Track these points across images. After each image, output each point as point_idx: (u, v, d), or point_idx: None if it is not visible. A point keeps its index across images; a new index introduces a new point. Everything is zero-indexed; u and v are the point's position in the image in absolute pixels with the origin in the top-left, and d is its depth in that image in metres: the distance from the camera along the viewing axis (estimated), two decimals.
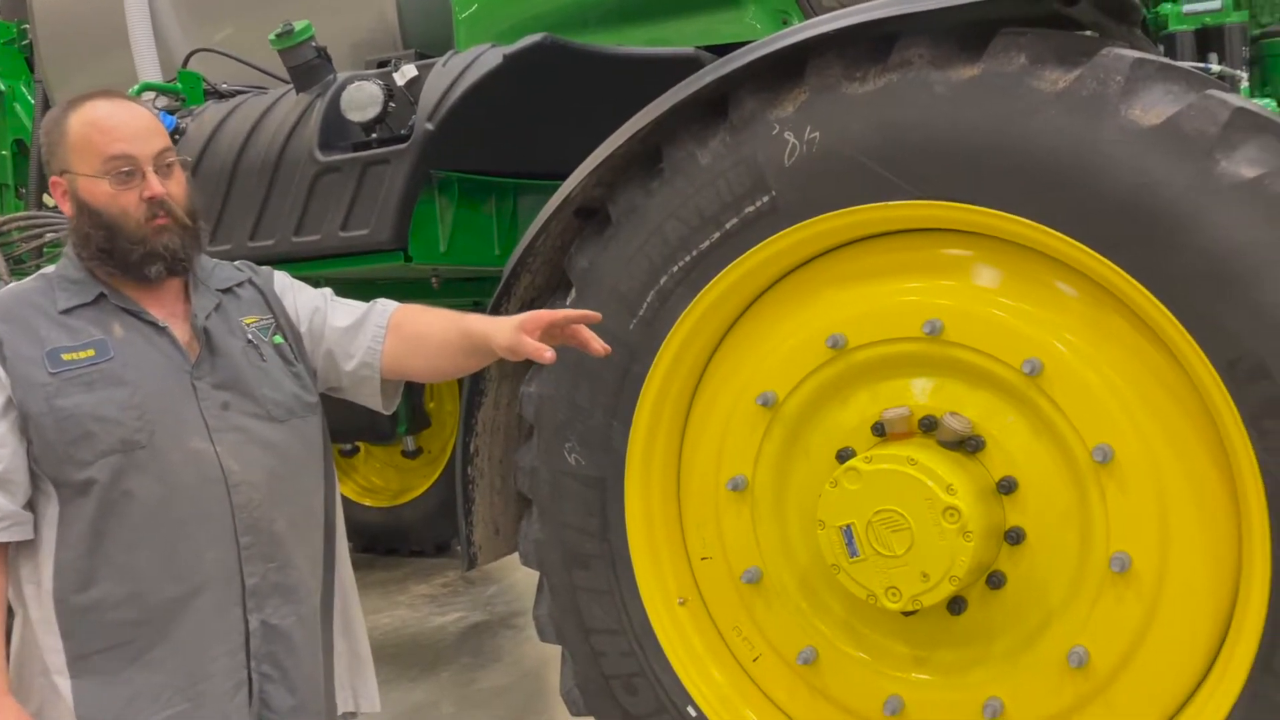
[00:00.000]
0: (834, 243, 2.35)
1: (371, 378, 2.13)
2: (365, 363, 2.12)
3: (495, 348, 2.03)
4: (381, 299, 2.18)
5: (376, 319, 2.14)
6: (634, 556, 2.52)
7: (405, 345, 2.13)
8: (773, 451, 2.42)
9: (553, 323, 2.02)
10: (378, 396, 2.16)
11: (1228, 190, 1.83)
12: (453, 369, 2.19)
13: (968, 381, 2.23)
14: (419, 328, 2.13)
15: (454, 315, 2.14)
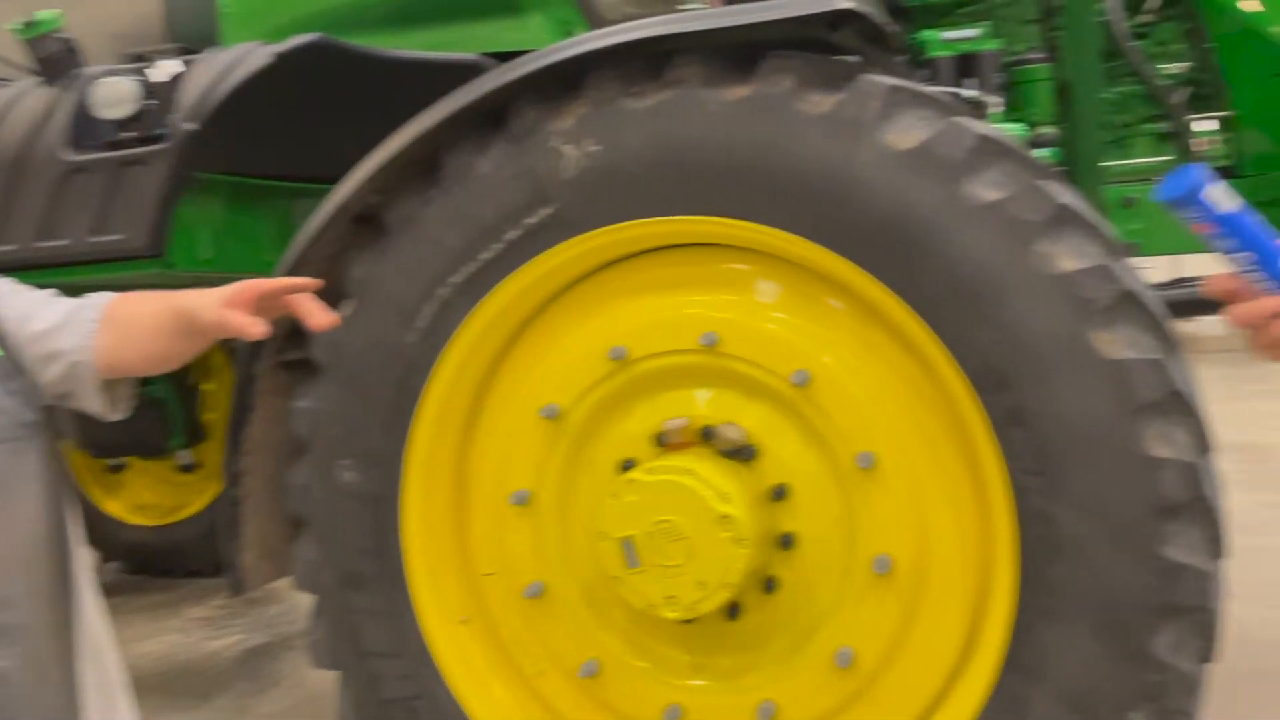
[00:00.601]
0: (616, 255, 2.36)
1: (84, 377, 1.87)
2: (77, 361, 1.86)
3: (203, 325, 1.80)
4: (96, 293, 1.98)
5: (88, 312, 1.88)
6: (412, 576, 2.45)
7: (117, 335, 1.87)
8: (557, 464, 2.41)
9: (264, 294, 1.80)
10: (96, 399, 1.90)
11: (972, 212, 1.94)
12: (169, 354, 1.92)
13: (743, 392, 2.28)
14: (130, 314, 1.88)
15: (167, 296, 1.90)
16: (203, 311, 1.80)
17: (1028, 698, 2.00)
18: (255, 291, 1.80)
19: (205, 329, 1.82)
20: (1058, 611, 1.96)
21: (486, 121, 2.35)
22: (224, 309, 1.77)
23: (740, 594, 2.21)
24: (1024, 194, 1.95)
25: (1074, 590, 1.95)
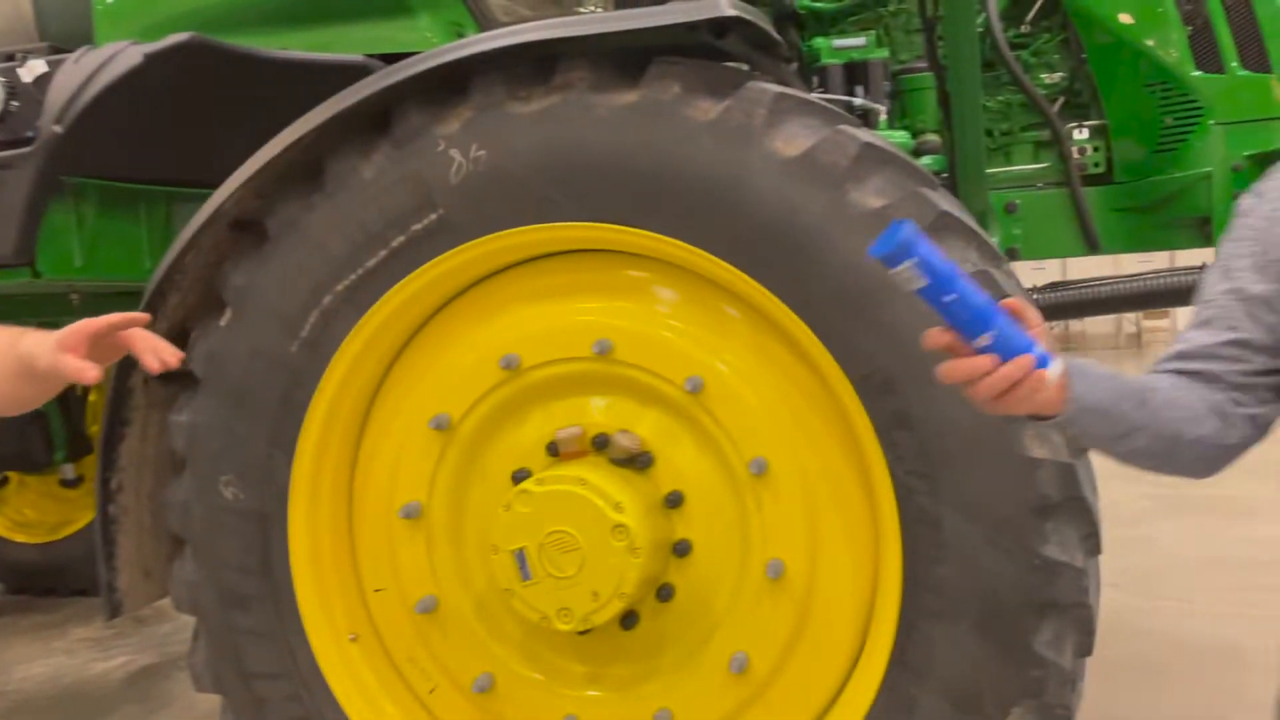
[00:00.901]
0: (506, 262, 2.32)
1: None
2: None
3: (40, 370, 1.64)
4: None
5: None
6: (299, 594, 2.38)
7: None
8: (448, 476, 2.36)
9: (96, 333, 1.64)
10: None
11: (856, 219, 1.97)
12: (20, 398, 1.74)
13: (638, 399, 2.27)
14: None
15: (13, 337, 1.72)
16: (39, 356, 1.61)
17: (915, 697, 2.02)
18: (86, 332, 1.63)
19: (44, 374, 1.66)
20: (942, 611, 2.00)
21: (371, 125, 2.30)
22: (57, 353, 1.59)
23: (635, 603, 2.19)
24: (906, 201, 1.98)
25: (957, 590, 1.98)
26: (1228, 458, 1.46)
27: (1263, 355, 1.43)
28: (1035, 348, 1.24)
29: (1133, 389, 1.38)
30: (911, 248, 1.21)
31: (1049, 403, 1.28)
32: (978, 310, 1.22)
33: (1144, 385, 1.41)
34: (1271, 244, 1.43)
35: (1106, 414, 1.34)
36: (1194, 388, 1.43)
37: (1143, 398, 1.38)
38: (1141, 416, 1.37)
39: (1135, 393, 1.38)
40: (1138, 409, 1.36)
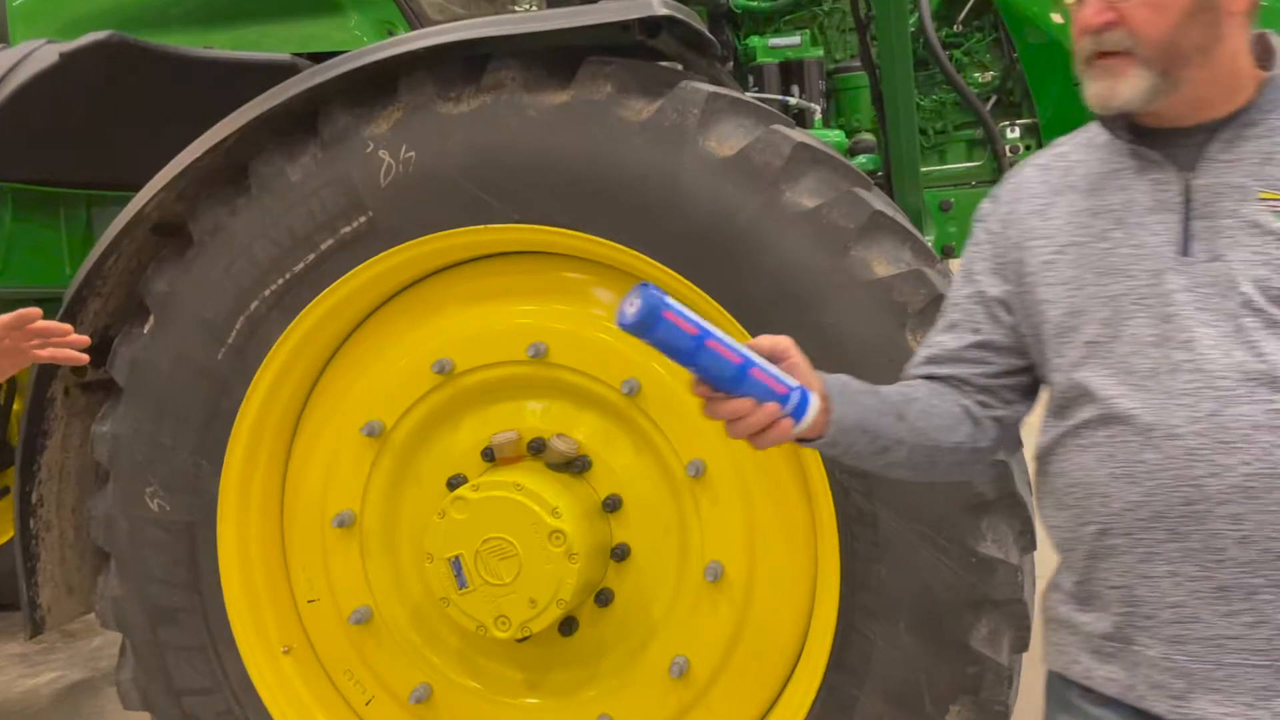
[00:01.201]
0: (438, 265, 2.28)
1: None
2: None
3: None
4: None
5: None
6: (230, 607, 2.32)
7: None
8: (382, 483, 2.32)
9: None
10: None
11: (791, 219, 1.96)
12: None
13: (574, 403, 2.25)
14: None
15: None
16: None
17: (855, 697, 2.02)
18: None
19: None
20: (880, 610, 2.00)
21: (297, 126, 2.25)
22: None
23: (574, 609, 2.17)
24: (840, 201, 1.98)
25: (895, 588, 1.99)
26: (982, 461, 1.48)
27: (1005, 357, 1.45)
28: (788, 396, 1.27)
29: (891, 403, 1.40)
30: (660, 311, 1.21)
31: (813, 428, 1.30)
32: (730, 369, 1.24)
33: (901, 397, 1.42)
34: (1006, 246, 1.44)
35: (866, 431, 1.36)
36: (946, 394, 1.45)
37: (900, 410, 1.40)
38: (900, 430, 1.39)
39: (893, 406, 1.40)
40: (897, 423, 1.39)
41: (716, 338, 1.24)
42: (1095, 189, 1.37)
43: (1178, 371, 1.25)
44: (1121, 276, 1.31)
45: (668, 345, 1.23)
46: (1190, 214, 1.29)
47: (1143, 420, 1.26)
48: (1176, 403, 1.25)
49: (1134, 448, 1.27)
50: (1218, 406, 1.23)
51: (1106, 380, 1.30)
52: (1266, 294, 1.24)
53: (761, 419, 1.25)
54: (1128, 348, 1.29)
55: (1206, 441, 1.23)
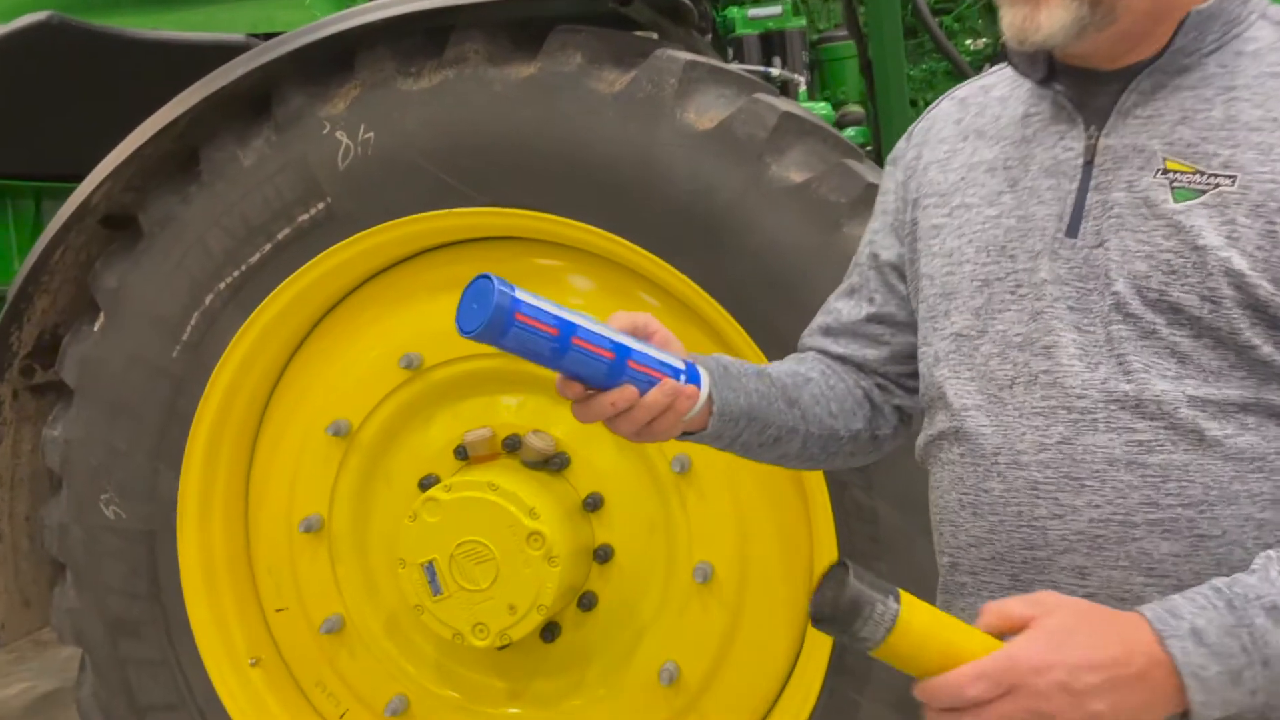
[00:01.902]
0: (403, 253, 2.16)
1: None
2: None
3: None
4: None
5: None
6: (193, 618, 2.20)
7: None
8: (350, 485, 2.20)
9: None
10: None
11: (778, 195, 1.83)
12: None
13: (550, 397, 2.12)
14: None
15: None
16: None
17: (856, 702, 1.91)
18: None
19: None
20: None
21: (249, 108, 2.11)
22: None
23: (556, 614, 2.05)
24: (830, 174, 1.85)
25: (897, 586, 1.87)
26: (882, 449, 1.31)
27: (903, 334, 1.25)
28: (676, 368, 1.10)
29: (781, 386, 1.21)
30: (506, 324, 1.02)
31: (697, 419, 1.12)
32: (602, 366, 1.06)
33: (792, 379, 1.23)
34: (906, 201, 1.22)
35: (754, 420, 1.18)
36: (845, 374, 1.27)
37: (792, 395, 1.21)
38: (793, 417, 1.21)
39: (784, 390, 1.21)
40: (788, 410, 1.21)
41: (583, 333, 1.05)
42: (1001, 137, 1.14)
43: (1033, 385, 1.04)
44: (1001, 256, 1.09)
45: (524, 351, 1.04)
46: (1088, 183, 1.05)
47: (990, 442, 1.06)
48: (1027, 423, 1.04)
49: (979, 473, 1.07)
50: (1069, 433, 1.02)
51: (965, 386, 1.09)
52: (1143, 295, 1.00)
53: (658, 399, 1.06)
54: (992, 348, 1.08)
55: (1052, 475, 1.02)
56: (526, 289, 1.06)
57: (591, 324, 1.07)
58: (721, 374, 1.16)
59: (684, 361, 1.12)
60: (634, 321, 1.11)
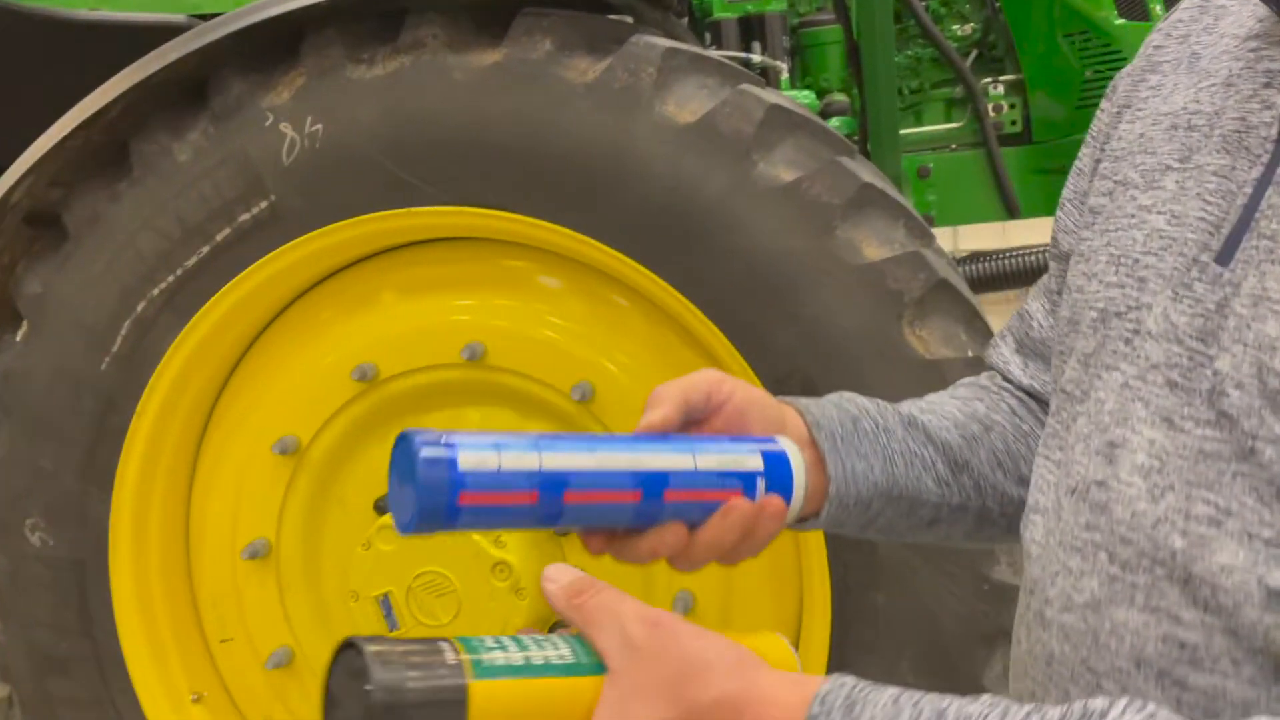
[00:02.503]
0: (354, 256, 1.99)
1: None
2: None
3: None
4: None
5: None
6: (128, 652, 2.03)
7: None
8: (299, 507, 2.03)
9: None
10: None
11: (765, 195, 1.68)
12: None
13: (518, 411, 1.97)
14: None
15: None
16: None
17: None
18: None
19: None
20: (878, 645, 1.74)
21: (184, 97, 1.93)
22: None
23: None
24: (822, 172, 1.70)
25: (895, 620, 1.73)
26: None
27: None
28: (748, 474, 0.78)
29: (943, 445, 0.88)
30: (449, 513, 0.73)
31: (809, 501, 0.83)
32: (625, 512, 0.77)
33: (964, 432, 0.90)
34: (1096, 156, 0.87)
35: (898, 498, 0.87)
36: (1042, 415, 0.94)
37: (960, 458, 0.89)
38: (959, 491, 0.88)
39: (946, 451, 0.88)
40: (953, 479, 0.88)
41: (582, 481, 0.74)
42: (1208, 73, 0.78)
43: (1084, 500, 0.74)
44: (1130, 276, 0.75)
45: (497, 526, 0.77)
46: (1276, 172, 0.68)
47: (1031, 571, 0.78)
48: (1064, 559, 0.74)
49: (1021, 604, 0.81)
50: (1103, 594, 0.71)
51: (1044, 471, 0.80)
52: (1262, 381, 0.64)
53: (714, 543, 0.78)
54: (1087, 424, 0.76)
55: (1070, 653, 0.73)
56: (486, 430, 0.80)
57: (599, 449, 0.76)
58: (843, 438, 0.86)
59: (761, 452, 0.79)
60: (685, 400, 0.80)
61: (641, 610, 0.70)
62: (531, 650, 0.70)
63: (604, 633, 0.69)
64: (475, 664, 0.68)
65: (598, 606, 0.70)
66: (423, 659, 0.67)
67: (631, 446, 0.78)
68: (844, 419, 0.88)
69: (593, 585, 0.72)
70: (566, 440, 0.77)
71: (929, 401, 0.97)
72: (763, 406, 0.84)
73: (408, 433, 0.75)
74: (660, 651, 0.68)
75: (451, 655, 0.68)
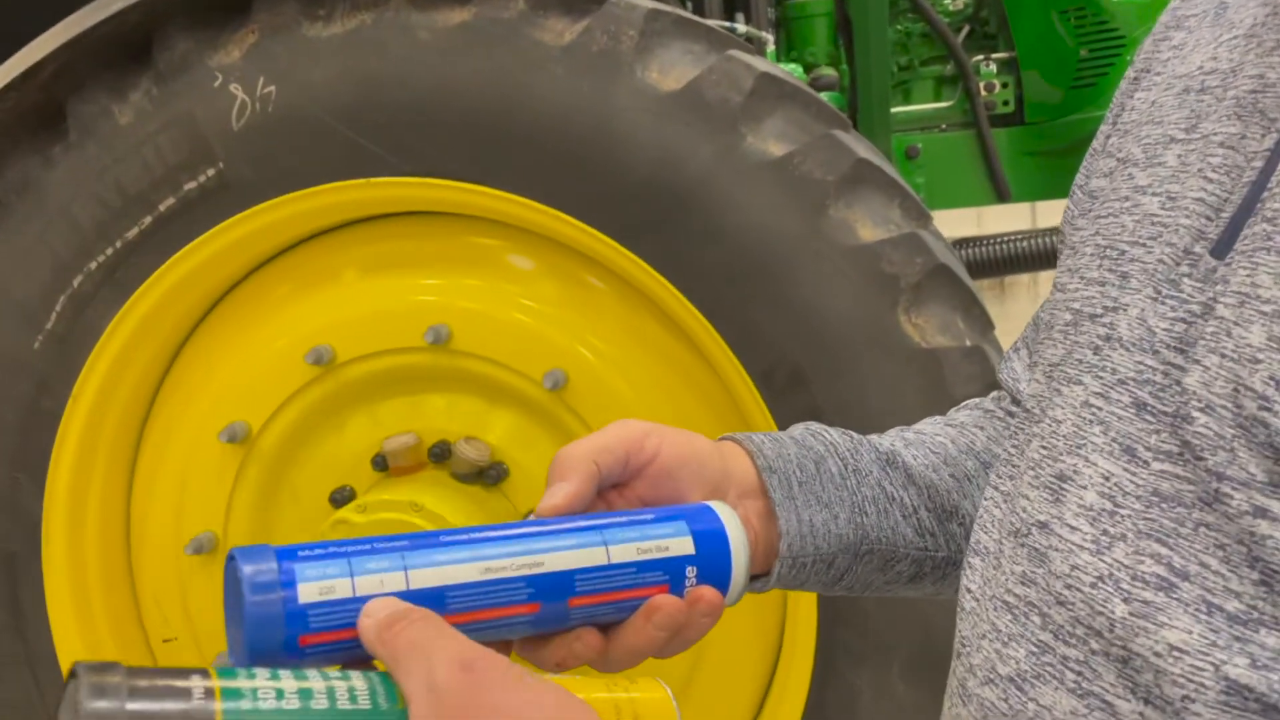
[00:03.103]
0: (310, 229, 1.86)
1: None
2: None
3: None
4: None
5: None
6: (63, 653, 1.89)
7: None
8: (248, 500, 1.90)
9: None
10: None
11: (754, 170, 1.56)
12: None
13: (485, 399, 1.84)
14: None
15: None
16: None
17: None
18: None
19: None
20: (867, 652, 1.64)
21: (126, 55, 1.78)
22: None
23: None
24: (814, 147, 1.58)
25: (885, 625, 1.63)
26: None
27: None
28: (674, 561, 0.66)
29: (928, 487, 0.77)
30: (288, 641, 0.60)
31: (756, 560, 0.72)
32: (521, 622, 0.65)
33: (955, 471, 0.78)
34: (1110, 125, 0.76)
35: (868, 553, 0.75)
36: None
37: (947, 504, 0.77)
38: (943, 542, 0.77)
39: (932, 495, 0.77)
40: (938, 528, 0.77)
41: (460, 598, 0.62)
42: (1233, 24, 0.66)
43: (1022, 545, 0.63)
44: (1111, 270, 0.64)
45: (358, 658, 0.63)
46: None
47: (964, 623, 0.69)
48: (994, 616, 0.63)
49: (954, 661, 0.71)
50: (1028, 666, 0.60)
51: (991, 506, 0.69)
52: (1238, 410, 0.51)
53: (635, 647, 0.67)
54: (1039, 449, 0.65)
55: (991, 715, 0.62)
56: (335, 538, 0.66)
57: (484, 550, 0.63)
58: (801, 483, 0.73)
59: (692, 531, 0.66)
60: (596, 468, 0.68)
61: (458, 650, 0.56)
62: (314, 684, 0.56)
63: (410, 676, 0.56)
64: (230, 709, 0.54)
65: (407, 642, 0.57)
66: (158, 692, 0.54)
67: (526, 542, 0.64)
68: (805, 460, 0.76)
69: (407, 616, 0.58)
70: (443, 544, 0.64)
71: (918, 432, 0.84)
72: (698, 463, 0.72)
73: (234, 554, 0.62)
74: (467, 703, 0.55)
75: (200, 690, 0.54)
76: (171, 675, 0.55)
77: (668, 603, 0.66)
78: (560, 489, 0.68)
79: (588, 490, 0.68)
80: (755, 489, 0.74)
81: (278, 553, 0.61)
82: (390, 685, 0.58)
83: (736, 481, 0.73)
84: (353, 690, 0.57)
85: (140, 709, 0.53)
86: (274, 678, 0.56)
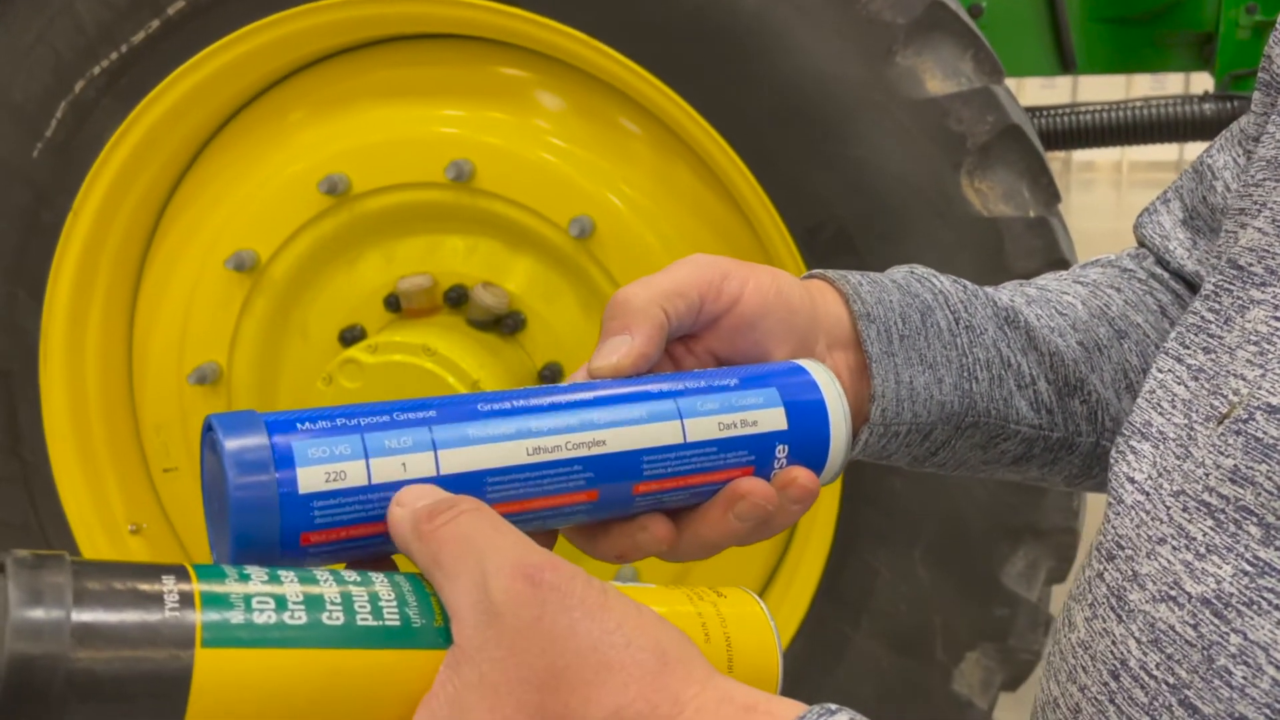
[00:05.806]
0: (327, 48, 1.73)
1: None
2: None
3: None
4: None
5: None
6: (59, 476, 1.84)
7: None
8: (254, 332, 1.82)
9: None
10: None
11: (815, 7, 1.42)
12: None
13: (506, 243, 1.74)
14: None
15: None
16: None
17: (847, 635, 1.62)
18: None
19: None
20: (890, 534, 1.57)
21: None
22: None
23: None
24: None
25: (911, 508, 1.55)
26: None
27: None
28: (764, 438, 0.54)
29: (1054, 353, 0.66)
30: (288, 538, 0.47)
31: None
32: (581, 509, 0.52)
33: (1088, 337, 0.68)
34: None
35: (976, 425, 0.64)
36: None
37: (1074, 377, 0.66)
38: (1065, 420, 0.67)
39: (1059, 364, 0.66)
40: (1059, 403, 0.66)
41: (499, 484, 0.50)
42: None
43: (1236, 435, 0.49)
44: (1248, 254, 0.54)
45: (378, 554, 0.51)
46: None
47: (1118, 529, 0.55)
48: (1185, 521, 0.50)
49: (1094, 559, 0.57)
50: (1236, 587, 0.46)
51: (1168, 379, 0.57)
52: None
53: (710, 539, 0.55)
54: (1265, 320, 0.52)
55: (1156, 664, 0.48)
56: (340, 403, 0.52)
57: (530, 424, 0.50)
58: (903, 337, 0.61)
59: (784, 400, 0.54)
60: (664, 316, 0.55)
61: (520, 555, 0.43)
62: (325, 590, 0.43)
63: (456, 585, 0.43)
64: (213, 622, 0.40)
65: (456, 540, 0.44)
66: (116, 598, 0.39)
67: (582, 413, 0.51)
68: (909, 309, 0.62)
69: (455, 505, 0.45)
70: (480, 415, 0.50)
71: (1041, 288, 0.70)
72: (786, 310, 0.58)
73: (212, 421, 0.48)
74: (531, 625, 0.42)
75: (175, 595, 0.40)
76: (136, 574, 0.41)
77: (754, 489, 0.53)
78: (621, 343, 0.54)
79: (655, 346, 0.55)
80: (846, 339, 0.61)
81: (269, 423, 0.47)
82: (425, 595, 0.45)
83: (825, 329, 0.60)
84: (376, 600, 0.44)
85: (91, 620, 0.39)
86: (273, 580, 0.43)
